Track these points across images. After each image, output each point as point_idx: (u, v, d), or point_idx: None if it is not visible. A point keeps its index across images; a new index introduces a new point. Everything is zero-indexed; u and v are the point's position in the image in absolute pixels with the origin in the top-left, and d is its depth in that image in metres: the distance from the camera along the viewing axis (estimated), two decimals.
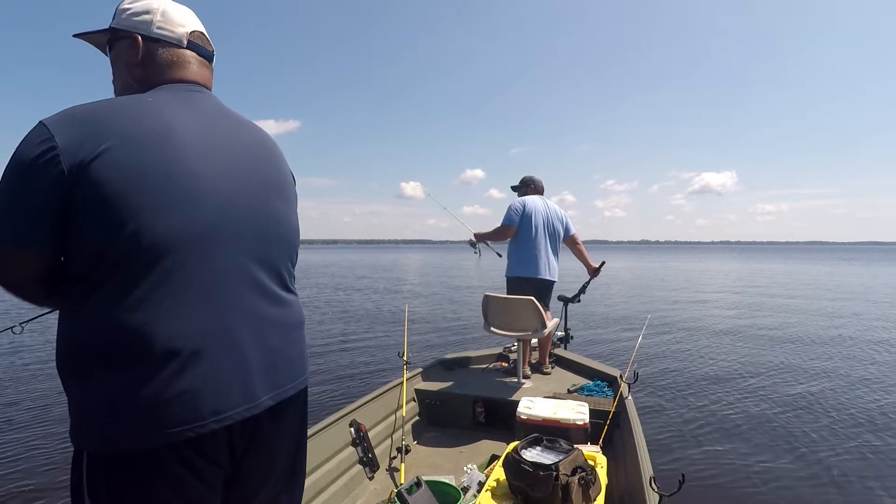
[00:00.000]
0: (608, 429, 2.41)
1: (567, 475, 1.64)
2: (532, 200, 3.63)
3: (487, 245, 3.85)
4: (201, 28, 1.03)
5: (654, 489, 1.64)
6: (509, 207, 3.64)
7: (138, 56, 0.96)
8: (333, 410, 2.39)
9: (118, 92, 1.01)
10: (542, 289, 3.51)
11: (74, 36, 1.01)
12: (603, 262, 3.91)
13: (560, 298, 4.14)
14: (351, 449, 2.31)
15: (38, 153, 0.78)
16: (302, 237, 1.11)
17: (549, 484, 1.61)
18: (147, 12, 0.97)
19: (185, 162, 0.86)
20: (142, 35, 0.96)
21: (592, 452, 1.99)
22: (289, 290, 1.02)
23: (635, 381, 2.85)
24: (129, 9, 0.97)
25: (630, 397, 2.68)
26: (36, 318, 1.38)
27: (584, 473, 1.68)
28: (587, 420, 2.39)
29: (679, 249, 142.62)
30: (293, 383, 0.99)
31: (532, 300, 3.14)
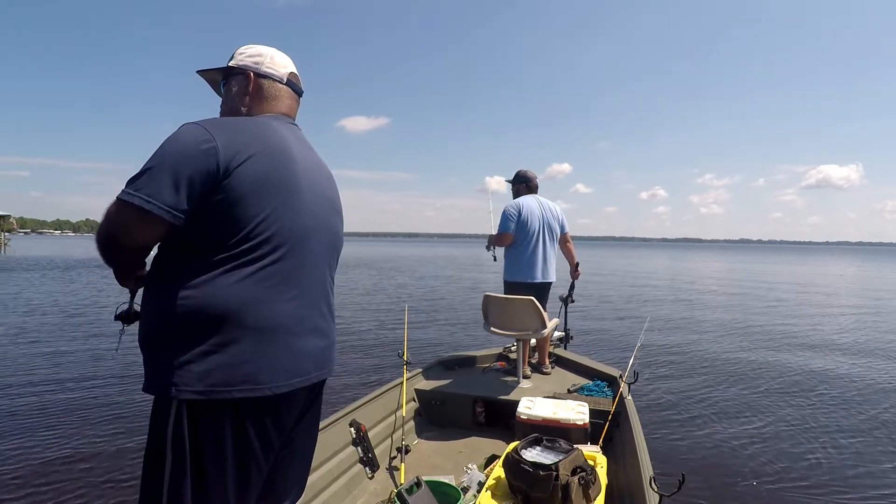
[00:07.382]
0: (608, 429, 2.41)
1: (567, 475, 1.64)
2: (527, 203, 3.58)
3: (493, 248, 3.78)
4: (296, 71, 1.30)
5: (654, 489, 1.64)
6: (503, 213, 3.59)
7: (249, 87, 1.22)
8: (333, 410, 2.37)
9: (225, 115, 1.24)
10: (540, 290, 3.51)
11: (197, 72, 1.28)
12: (577, 263, 3.91)
13: (560, 299, 4.15)
14: (351, 449, 2.31)
15: (202, 148, 0.96)
16: (384, 230, 1.28)
17: (549, 484, 1.61)
18: (259, 55, 1.24)
19: (297, 178, 1.09)
20: (254, 72, 1.22)
21: (592, 452, 1.99)
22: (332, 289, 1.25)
23: (635, 380, 2.85)
24: (245, 52, 1.25)
25: (630, 397, 2.68)
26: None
27: (583, 473, 1.69)
28: (587, 420, 2.39)
29: (782, 250, 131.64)
30: (329, 367, 1.20)
31: (532, 300, 3.14)
